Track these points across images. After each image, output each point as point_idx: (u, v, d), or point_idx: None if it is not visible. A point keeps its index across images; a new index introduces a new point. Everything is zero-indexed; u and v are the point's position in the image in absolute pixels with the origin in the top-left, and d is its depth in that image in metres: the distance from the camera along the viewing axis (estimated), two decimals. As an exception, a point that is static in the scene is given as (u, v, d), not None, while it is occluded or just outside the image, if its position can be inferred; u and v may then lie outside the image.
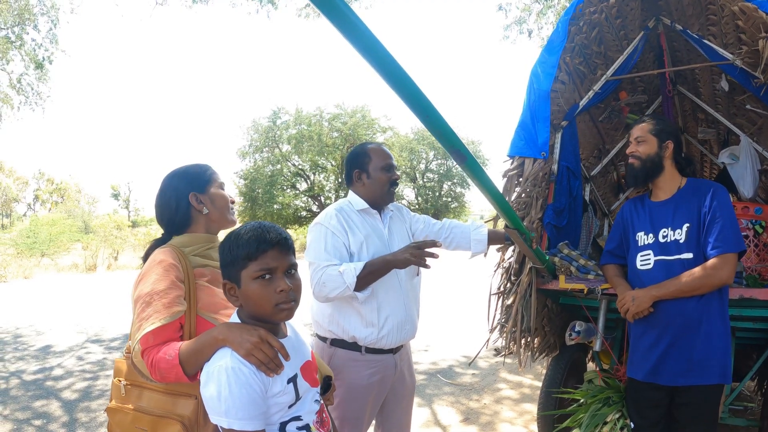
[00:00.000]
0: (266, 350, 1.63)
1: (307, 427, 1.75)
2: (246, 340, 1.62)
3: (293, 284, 1.70)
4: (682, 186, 2.88)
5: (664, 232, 2.81)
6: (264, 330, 1.68)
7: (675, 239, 2.77)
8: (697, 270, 2.64)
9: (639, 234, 2.93)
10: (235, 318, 1.76)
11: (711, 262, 2.62)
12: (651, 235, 2.87)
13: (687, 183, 2.88)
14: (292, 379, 1.72)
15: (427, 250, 2.48)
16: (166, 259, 1.95)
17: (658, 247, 2.83)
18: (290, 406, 1.70)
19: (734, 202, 4.59)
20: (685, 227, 2.75)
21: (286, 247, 1.71)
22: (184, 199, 2.12)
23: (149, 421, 1.88)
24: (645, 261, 2.87)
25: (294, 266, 1.74)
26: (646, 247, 2.88)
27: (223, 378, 1.57)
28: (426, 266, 2.48)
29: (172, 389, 1.89)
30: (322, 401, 1.92)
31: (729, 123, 4.77)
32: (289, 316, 1.72)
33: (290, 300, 1.68)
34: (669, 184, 2.90)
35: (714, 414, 2.72)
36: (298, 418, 1.73)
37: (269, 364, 1.63)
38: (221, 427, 1.58)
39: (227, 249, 1.69)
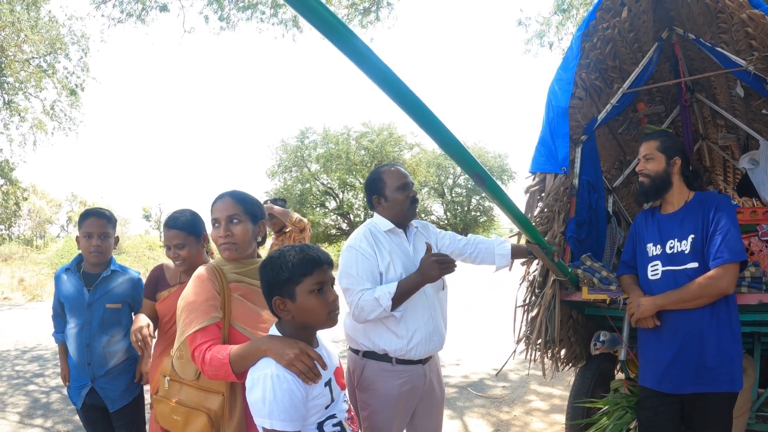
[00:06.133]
0: (306, 361, 1.85)
1: (340, 424, 1.97)
2: (287, 353, 1.84)
3: (337, 295, 1.96)
4: (690, 199, 2.95)
5: (671, 243, 2.89)
6: (303, 343, 1.89)
7: (681, 250, 2.84)
8: (698, 280, 2.71)
9: (648, 245, 3.01)
10: (274, 331, 1.99)
11: (711, 272, 2.69)
12: (659, 246, 2.95)
13: (694, 196, 2.96)
14: (328, 383, 1.95)
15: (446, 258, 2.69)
16: (204, 274, 2.25)
17: (665, 258, 2.90)
18: (327, 407, 1.92)
19: (756, 207, 4.60)
20: (690, 238, 2.82)
21: (331, 264, 1.97)
22: None
23: (183, 412, 2.17)
24: (654, 271, 2.94)
25: (334, 280, 2.00)
26: (655, 257, 2.96)
27: (268, 384, 1.78)
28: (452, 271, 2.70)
29: (204, 386, 2.18)
30: (349, 402, 2.13)
31: (748, 128, 4.79)
32: (336, 321, 1.96)
33: (338, 308, 1.93)
34: (677, 197, 2.97)
35: (727, 422, 2.76)
36: (333, 417, 1.95)
37: (308, 374, 1.84)
38: (263, 427, 1.78)
39: (277, 269, 1.90)
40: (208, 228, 2.68)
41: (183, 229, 2.95)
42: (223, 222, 2.32)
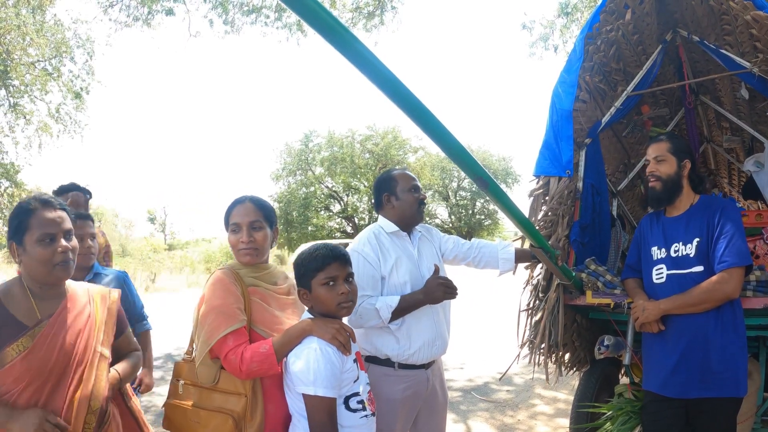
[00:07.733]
0: (344, 334, 2.14)
1: (362, 401, 2.22)
2: (330, 328, 2.13)
3: (351, 289, 2.23)
4: (695, 202, 2.94)
5: (676, 246, 2.87)
6: (338, 321, 2.21)
7: (686, 254, 2.83)
8: (703, 284, 2.70)
9: (653, 248, 2.99)
10: (307, 315, 2.26)
11: (716, 276, 2.68)
12: (663, 249, 2.93)
13: (699, 200, 2.94)
14: (355, 360, 2.24)
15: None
16: (225, 278, 2.30)
17: (670, 262, 2.89)
18: (354, 381, 2.21)
19: (761, 210, 4.58)
20: (695, 242, 2.81)
21: (344, 261, 2.23)
22: None
23: (204, 415, 2.17)
24: (659, 275, 2.93)
25: (351, 275, 2.26)
26: (659, 261, 2.94)
27: (312, 355, 2.06)
28: (455, 297, 2.80)
29: (225, 388, 2.20)
30: (369, 384, 2.37)
31: (752, 130, 4.76)
32: (348, 313, 2.26)
33: (349, 300, 2.21)
34: (684, 201, 2.96)
35: (731, 427, 2.75)
36: (357, 394, 2.21)
37: (346, 344, 2.13)
38: (306, 394, 2.04)
39: (301, 263, 2.23)
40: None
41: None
42: (245, 227, 2.35)
